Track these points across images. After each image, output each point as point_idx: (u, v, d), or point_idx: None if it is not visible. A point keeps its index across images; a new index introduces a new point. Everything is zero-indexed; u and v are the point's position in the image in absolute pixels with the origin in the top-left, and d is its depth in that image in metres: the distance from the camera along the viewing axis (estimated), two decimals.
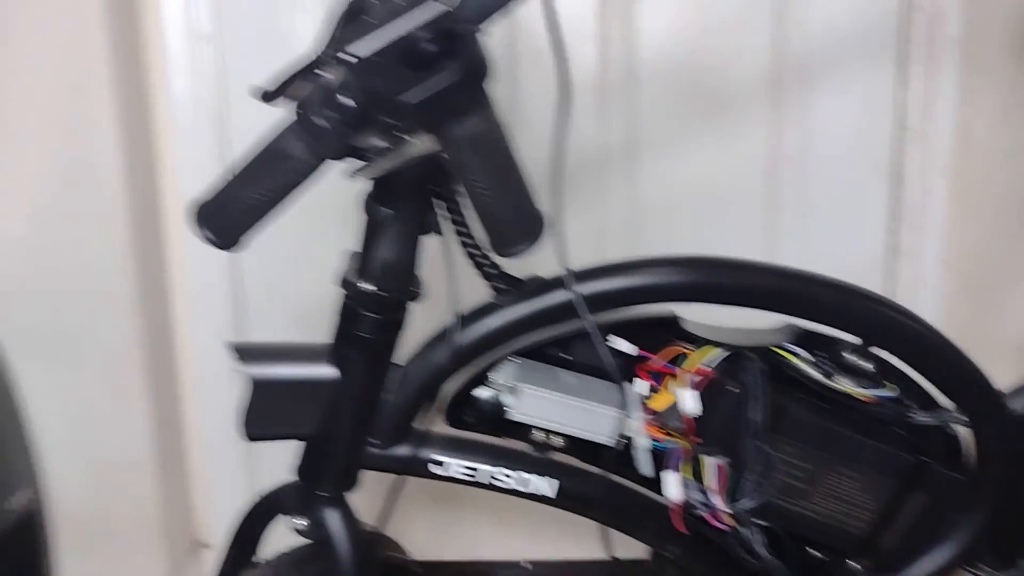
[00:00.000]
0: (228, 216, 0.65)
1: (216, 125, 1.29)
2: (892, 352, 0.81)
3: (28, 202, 1.18)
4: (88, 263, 1.21)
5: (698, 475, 0.81)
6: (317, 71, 0.61)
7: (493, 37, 0.58)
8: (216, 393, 1.37)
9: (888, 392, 0.81)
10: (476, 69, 0.49)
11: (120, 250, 1.21)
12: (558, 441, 0.80)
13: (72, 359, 1.25)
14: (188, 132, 1.29)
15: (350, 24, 0.62)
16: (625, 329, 0.79)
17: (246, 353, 0.75)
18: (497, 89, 0.59)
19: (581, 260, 0.76)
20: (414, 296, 0.74)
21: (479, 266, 0.76)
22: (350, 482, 0.79)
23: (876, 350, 0.81)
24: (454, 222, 0.74)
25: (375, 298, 0.71)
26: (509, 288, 0.77)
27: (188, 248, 1.33)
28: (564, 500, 0.81)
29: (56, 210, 1.19)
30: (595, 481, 0.82)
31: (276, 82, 0.65)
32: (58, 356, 1.24)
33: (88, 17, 1.13)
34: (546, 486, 0.81)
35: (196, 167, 1.29)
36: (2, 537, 1.14)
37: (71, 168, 1.18)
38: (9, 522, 1.16)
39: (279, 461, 0.83)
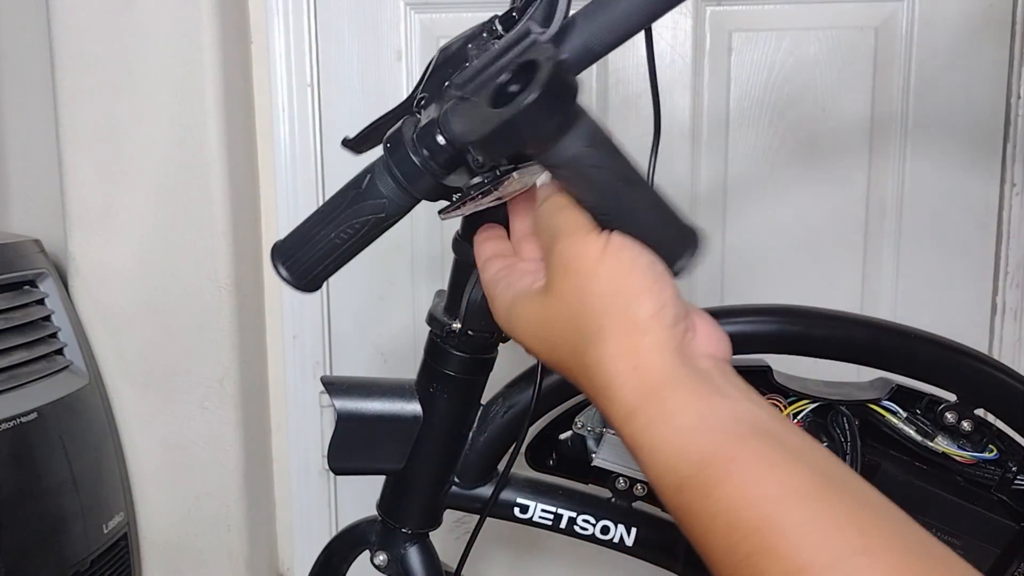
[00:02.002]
0: (307, 256, 0.63)
1: (315, 170, 1.34)
2: (993, 412, 0.78)
3: (139, 236, 1.24)
4: (191, 297, 1.25)
5: None
6: (410, 114, 0.61)
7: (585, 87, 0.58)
8: (304, 428, 1.40)
9: (989, 454, 0.78)
10: (555, 89, 0.48)
11: (222, 285, 1.25)
12: (640, 489, 0.79)
13: (169, 389, 1.29)
14: (288, 175, 1.34)
15: (440, 71, 0.62)
16: None
17: (335, 386, 0.76)
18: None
19: None
20: (502, 337, 0.74)
21: None
22: (432, 520, 0.79)
23: (977, 410, 0.78)
24: None
25: (462, 337, 0.72)
26: None
27: (284, 285, 1.37)
28: (642, 549, 0.80)
29: (164, 245, 1.24)
30: (676, 531, 0.80)
31: (361, 131, 0.65)
32: (156, 385, 1.28)
33: (204, 65, 1.19)
34: (625, 534, 0.79)
35: (294, 209, 1.34)
36: (96, 559, 1.18)
37: (180, 205, 1.24)
38: (104, 545, 1.20)
39: (363, 496, 0.84)
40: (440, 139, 0.58)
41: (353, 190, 0.62)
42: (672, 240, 0.50)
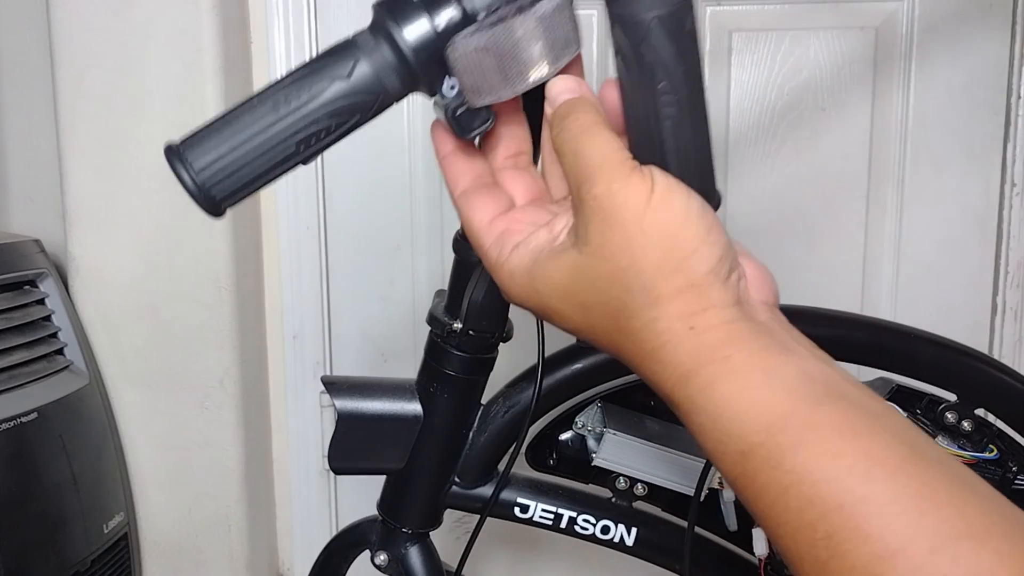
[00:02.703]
0: (239, 165, 0.45)
1: (314, 169, 1.34)
2: (994, 412, 0.78)
3: (139, 236, 1.24)
4: (191, 297, 1.25)
5: None
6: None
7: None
8: (304, 428, 1.40)
9: (989, 454, 0.78)
10: None
11: (222, 285, 1.25)
12: (641, 489, 0.79)
13: (169, 389, 1.29)
14: (289, 176, 1.34)
15: None
16: None
17: (336, 386, 0.76)
18: None
19: None
20: (503, 336, 0.74)
21: None
22: (432, 520, 0.79)
23: (977, 410, 0.78)
24: None
25: (463, 337, 0.72)
26: None
27: (284, 286, 1.37)
28: (643, 549, 0.80)
29: (164, 245, 1.24)
30: (676, 531, 0.80)
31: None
32: (156, 385, 1.28)
33: (204, 65, 1.19)
34: (626, 534, 0.79)
35: (294, 208, 1.34)
36: (96, 559, 1.18)
37: (180, 205, 1.24)
38: (104, 545, 1.20)
39: (363, 496, 0.84)
40: None
41: (327, 78, 0.45)
42: (700, 179, 0.43)
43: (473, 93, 0.45)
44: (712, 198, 0.43)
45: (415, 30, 0.44)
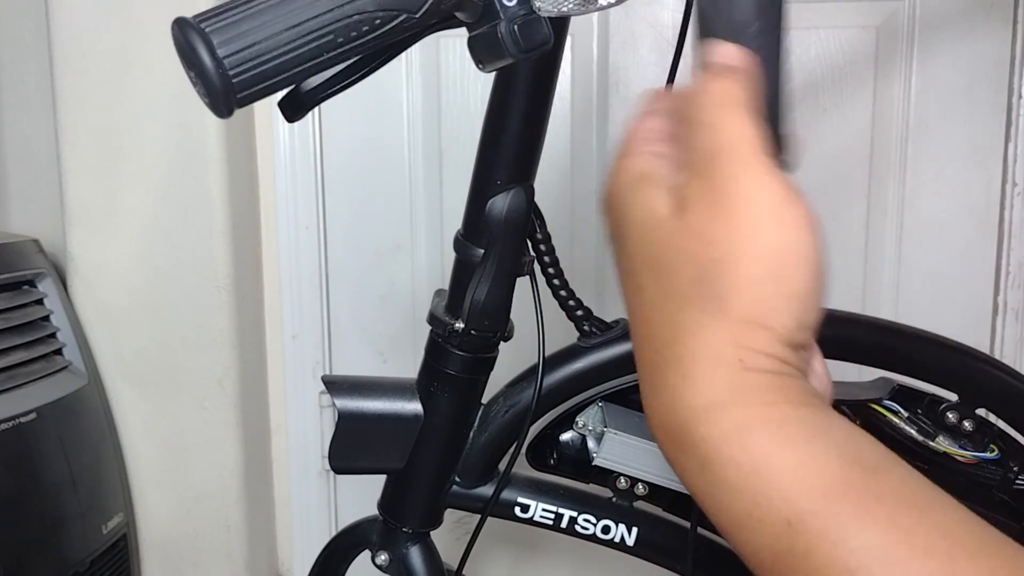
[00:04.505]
0: (263, 47, 0.39)
1: (314, 169, 1.34)
2: (995, 412, 0.78)
3: (138, 236, 1.24)
4: (190, 297, 1.25)
5: None
6: None
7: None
8: (303, 428, 1.40)
9: (991, 454, 0.78)
10: None
11: (221, 285, 1.25)
12: (642, 489, 0.79)
13: (168, 389, 1.29)
14: (288, 174, 1.34)
15: None
16: None
17: (336, 386, 0.76)
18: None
19: None
20: (504, 336, 0.74)
21: (567, 309, 0.77)
22: (433, 520, 0.79)
23: (978, 409, 0.78)
24: (544, 264, 0.74)
25: (464, 336, 0.72)
26: (597, 331, 0.76)
27: (284, 286, 1.37)
28: (643, 549, 0.80)
29: (163, 244, 1.24)
30: (676, 531, 0.80)
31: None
32: (155, 385, 1.28)
33: None
34: (626, 534, 0.79)
35: (294, 208, 1.34)
36: (95, 560, 1.18)
37: (179, 205, 1.24)
38: (103, 546, 1.20)
39: (363, 496, 0.84)
40: None
41: None
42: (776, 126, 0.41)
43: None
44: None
45: None
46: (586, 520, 0.79)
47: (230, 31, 0.38)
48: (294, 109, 0.47)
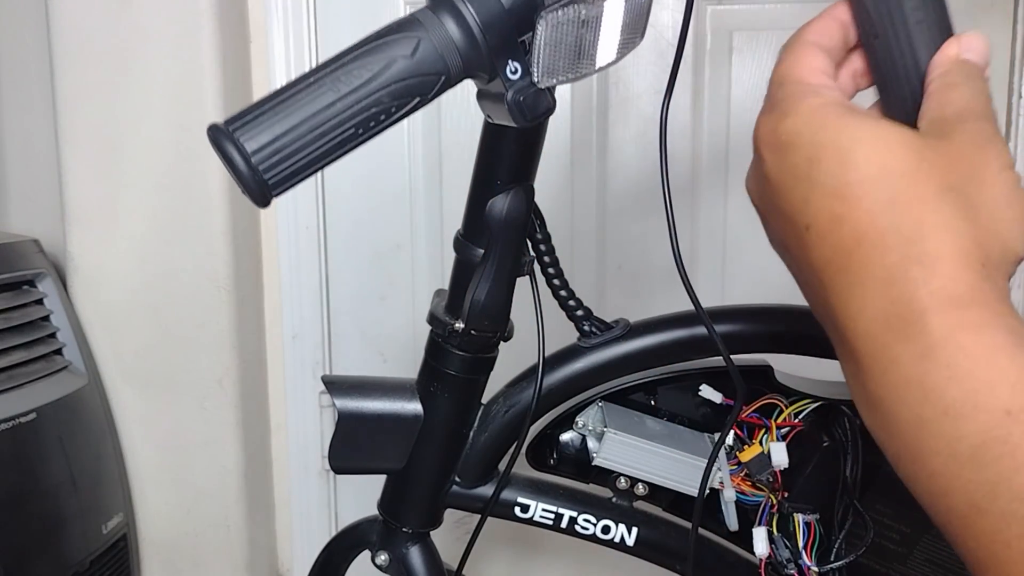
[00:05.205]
0: (290, 144, 0.42)
1: None
2: None
3: (138, 236, 1.24)
4: (190, 297, 1.25)
5: (786, 531, 0.79)
6: None
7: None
8: (303, 428, 1.40)
9: None
10: None
11: (221, 285, 1.25)
12: (642, 489, 0.79)
13: (168, 389, 1.29)
14: None
15: None
16: (716, 378, 0.78)
17: (336, 386, 0.76)
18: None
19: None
20: (503, 336, 0.74)
21: (567, 309, 0.77)
22: (433, 520, 0.79)
23: None
24: (544, 264, 0.74)
25: (464, 336, 0.72)
26: (597, 331, 0.76)
27: (284, 286, 1.37)
28: (643, 549, 0.80)
29: (163, 244, 1.24)
30: (676, 531, 0.80)
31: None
32: (155, 385, 1.28)
33: (203, 65, 1.19)
34: (626, 533, 0.79)
35: (293, 208, 1.34)
36: (95, 559, 1.18)
37: (179, 205, 1.24)
38: (103, 546, 1.20)
39: (363, 496, 0.84)
40: None
41: (390, 57, 0.42)
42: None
43: (546, 73, 0.44)
44: None
45: (485, 6, 0.42)
46: (586, 520, 0.79)
47: (256, 133, 0.41)
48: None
